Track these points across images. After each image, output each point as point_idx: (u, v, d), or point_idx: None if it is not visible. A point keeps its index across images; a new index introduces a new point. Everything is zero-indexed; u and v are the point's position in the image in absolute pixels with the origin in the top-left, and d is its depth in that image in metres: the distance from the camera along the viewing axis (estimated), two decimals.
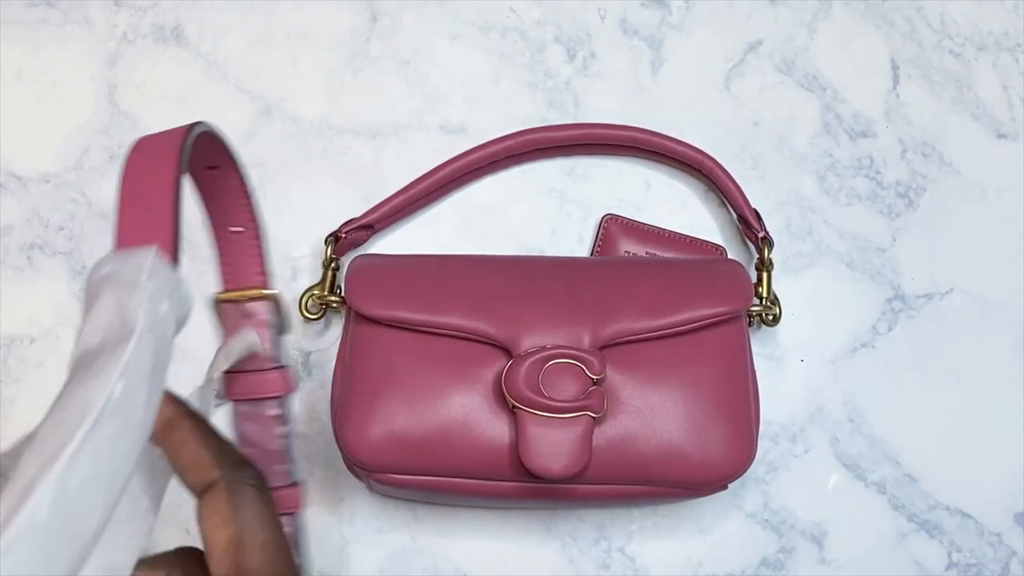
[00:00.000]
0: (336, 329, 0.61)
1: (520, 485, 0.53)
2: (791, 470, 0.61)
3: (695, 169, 0.63)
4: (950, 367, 0.62)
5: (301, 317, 0.60)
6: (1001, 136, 0.65)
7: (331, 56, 0.65)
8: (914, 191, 0.64)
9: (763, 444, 0.60)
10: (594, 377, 0.52)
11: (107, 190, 0.63)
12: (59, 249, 0.62)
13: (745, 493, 0.60)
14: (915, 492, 0.61)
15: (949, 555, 0.60)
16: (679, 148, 0.62)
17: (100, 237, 0.63)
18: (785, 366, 0.62)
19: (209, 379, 0.50)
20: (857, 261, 0.63)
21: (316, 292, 0.60)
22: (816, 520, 0.60)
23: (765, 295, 0.60)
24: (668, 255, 0.62)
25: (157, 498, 0.38)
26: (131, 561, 0.33)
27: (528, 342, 0.53)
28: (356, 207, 0.62)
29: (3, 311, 0.62)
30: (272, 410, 0.52)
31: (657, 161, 0.64)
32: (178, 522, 0.60)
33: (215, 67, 0.65)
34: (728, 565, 0.60)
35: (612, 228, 0.62)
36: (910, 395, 0.62)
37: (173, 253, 0.31)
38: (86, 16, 0.65)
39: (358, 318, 0.55)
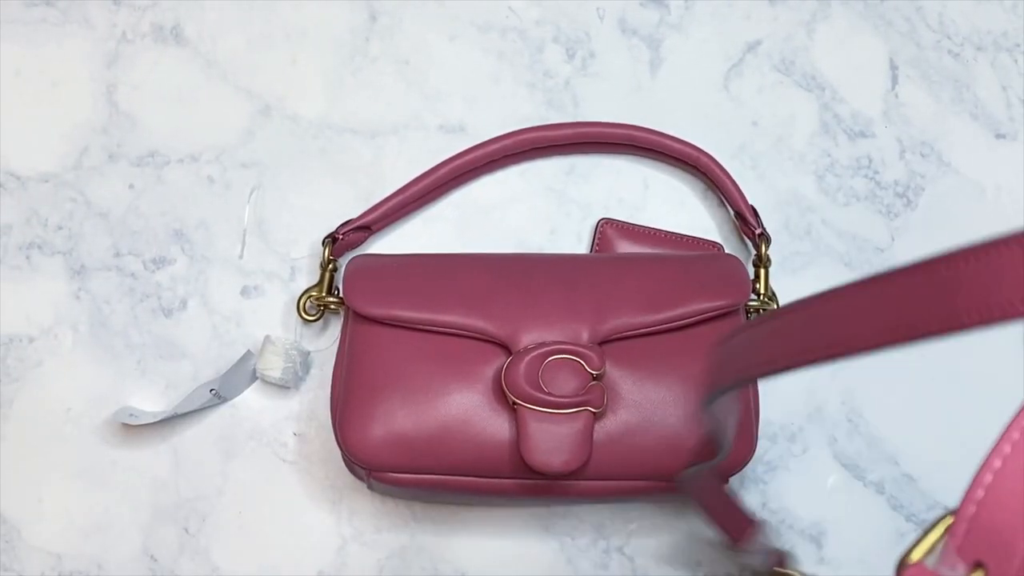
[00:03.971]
0: (334, 329, 0.61)
1: (521, 482, 0.53)
2: (790, 470, 0.61)
3: (692, 166, 0.63)
4: (949, 366, 0.62)
5: (299, 318, 0.60)
6: (1000, 136, 0.65)
7: (330, 55, 0.65)
8: (913, 191, 0.64)
9: (762, 443, 0.60)
10: (593, 372, 0.52)
11: (106, 190, 0.63)
12: (58, 248, 0.62)
13: (744, 493, 0.60)
14: (914, 492, 0.61)
15: None
16: (675, 145, 0.62)
17: (98, 236, 0.62)
18: None
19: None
20: (856, 261, 0.63)
21: (314, 293, 0.59)
22: (815, 520, 0.60)
23: (763, 291, 0.60)
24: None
25: None
26: None
27: (527, 339, 0.53)
28: (355, 207, 0.62)
29: (2, 311, 0.62)
30: None
31: (654, 159, 0.64)
32: (176, 521, 0.60)
33: (214, 66, 0.65)
34: (727, 565, 0.60)
35: (608, 232, 0.62)
36: (909, 394, 0.62)
37: None
38: (85, 15, 0.65)
39: (356, 318, 0.55)
